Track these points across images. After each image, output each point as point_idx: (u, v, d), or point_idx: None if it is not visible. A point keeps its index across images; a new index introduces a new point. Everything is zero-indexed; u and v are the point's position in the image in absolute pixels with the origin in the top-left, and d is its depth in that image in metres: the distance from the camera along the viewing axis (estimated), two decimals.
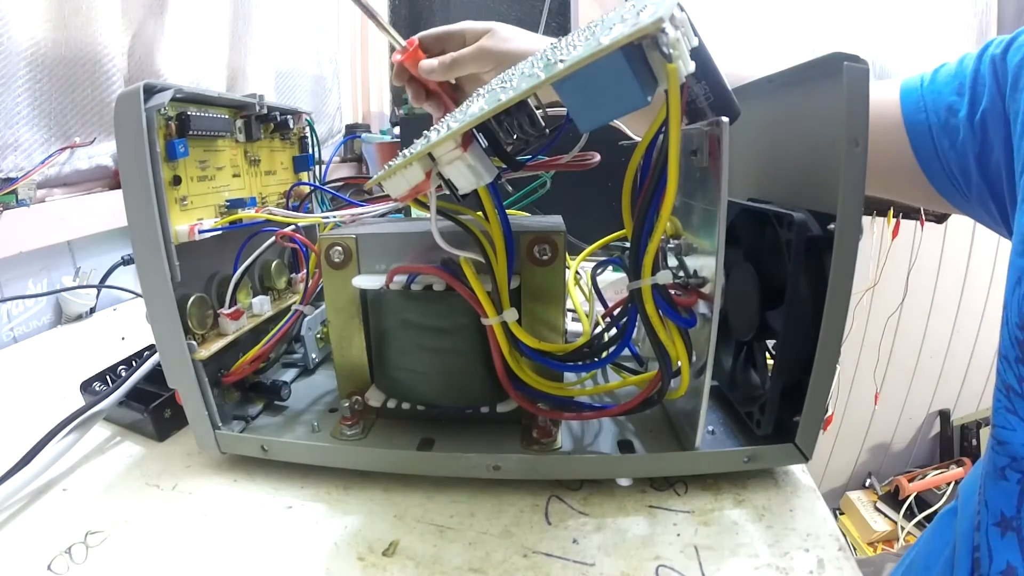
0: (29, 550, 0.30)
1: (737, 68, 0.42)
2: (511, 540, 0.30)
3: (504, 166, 0.30)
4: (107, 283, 0.72)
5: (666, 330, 0.29)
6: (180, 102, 0.33)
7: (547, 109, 0.29)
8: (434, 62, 0.49)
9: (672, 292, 0.30)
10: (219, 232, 0.35)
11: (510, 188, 0.38)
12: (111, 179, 0.74)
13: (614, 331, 0.33)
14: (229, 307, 0.37)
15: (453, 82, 0.52)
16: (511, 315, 0.30)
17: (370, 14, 0.48)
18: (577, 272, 0.47)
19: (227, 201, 0.38)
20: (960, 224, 1.35)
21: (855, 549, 1.36)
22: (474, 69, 0.48)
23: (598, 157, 0.35)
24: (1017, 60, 0.34)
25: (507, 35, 0.48)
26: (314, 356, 0.45)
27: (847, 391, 1.48)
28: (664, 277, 0.27)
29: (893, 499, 1.42)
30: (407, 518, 0.32)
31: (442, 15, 1.41)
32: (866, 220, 1.28)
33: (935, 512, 1.33)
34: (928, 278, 1.41)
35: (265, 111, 0.41)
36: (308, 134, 0.49)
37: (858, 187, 0.28)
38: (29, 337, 0.66)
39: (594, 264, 0.42)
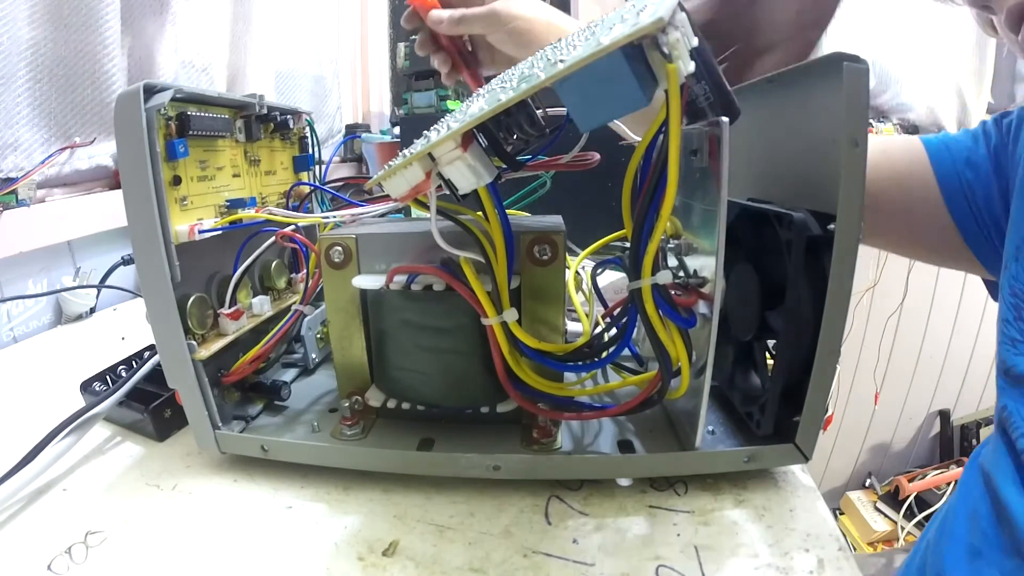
0: (29, 550, 0.30)
1: None
2: (511, 540, 0.30)
3: (504, 166, 0.30)
4: (107, 283, 0.72)
5: (666, 330, 0.29)
6: (180, 102, 0.33)
7: (547, 109, 0.29)
8: (443, 14, 0.46)
9: (672, 292, 0.30)
10: (219, 232, 0.35)
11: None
12: (111, 179, 0.74)
13: (614, 331, 0.33)
14: (229, 307, 0.37)
15: (466, 39, 0.50)
16: (511, 315, 0.30)
17: None
18: (577, 272, 0.47)
19: (227, 201, 0.38)
20: None
21: (855, 549, 1.36)
22: (481, 31, 0.46)
23: (598, 157, 0.35)
24: (1009, 121, 0.43)
25: (521, 3, 0.46)
26: (314, 356, 0.45)
27: (847, 391, 1.48)
28: (664, 277, 0.27)
29: (893, 499, 1.42)
30: (407, 518, 0.32)
31: None
32: None
33: (935, 512, 1.33)
34: (928, 278, 1.41)
35: (265, 111, 0.41)
36: (308, 134, 0.49)
37: (858, 187, 0.28)
38: (29, 337, 0.66)
39: (594, 264, 0.42)
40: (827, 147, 0.29)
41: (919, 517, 1.35)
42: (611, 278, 0.62)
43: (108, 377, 0.44)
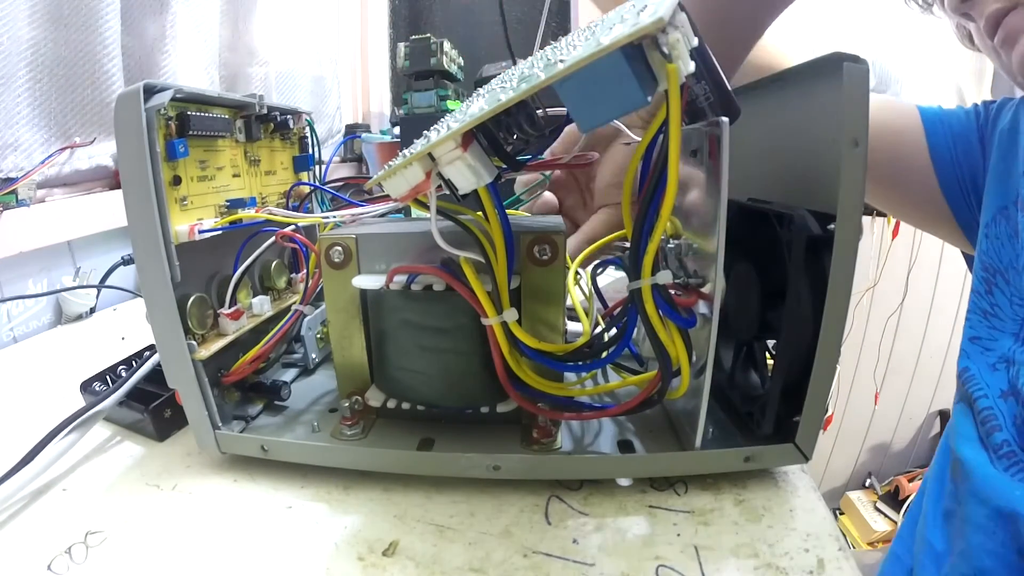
0: (29, 550, 0.30)
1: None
2: (511, 540, 0.30)
3: (504, 166, 0.30)
4: (107, 283, 0.72)
5: (666, 330, 0.29)
6: (180, 102, 0.33)
7: (547, 109, 0.29)
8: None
9: (672, 292, 0.30)
10: (219, 232, 0.35)
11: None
12: (111, 179, 0.74)
13: (614, 331, 0.33)
14: (229, 307, 0.37)
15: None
16: (511, 315, 0.30)
17: None
18: (577, 272, 0.47)
19: (227, 201, 0.38)
20: None
21: (855, 549, 1.36)
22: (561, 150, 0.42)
23: (598, 156, 0.35)
24: (994, 105, 0.47)
25: None
26: (314, 356, 0.45)
27: (847, 391, 1.49)
28: (664, 277, 0.27)
29: (893, 499, 1.42)
30: (407, 518, 0.32)
31: (442, 15, 1.41)
32: (866, 220, 1.28)
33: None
34: (928, 278, 1.41)
35: (265, 111, 0.41)
36: (308, 134, 0.49)
37: (858, 187, 0.28)
38: (29, 337, 0.66)
39: (594, 264, 0.42)
40: (827, 147, 0.29)
41: None
42: (611, 278, 0.62)
43: (108, 377, 0.44)
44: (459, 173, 0.26)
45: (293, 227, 0.39)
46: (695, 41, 0.23)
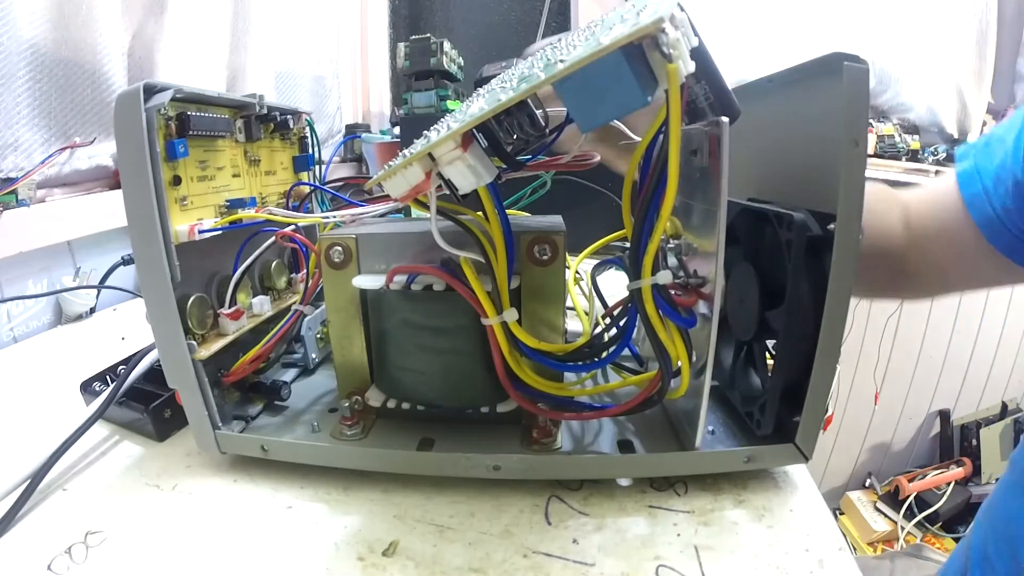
0: (29, 550, 0.30)
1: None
2: (511, 540, 0.30)
3: (504, 166, 0.30)
4: (107, 283, 0.72)
5: (666, 330, 0.29)
6: (180, 102, 0.33)
7: (547, 109, 0.29)
8: None
9: (672, 292, 0.30)
10: (219, 232, 0.35)
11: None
12: (111, 179, 0.74)
13: (614, 331, 0.33)
14: (229, 307, 0.37)
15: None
16: (511, 315, 0.30)
17: None
18: (577, 272, 0.47)
19: (227, 201, 0.38)
20: None
21: (855, 549, 1.36)
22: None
23: (598, 157, 0.35)
24: None
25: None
26: (314, 356, 0.45)
27: (847, 391, 1.48)
28: (664, 277, 0.27)
29: (893, 499, 1.42)
30: (407, 518, 0.32)
31: (442, 15, 1.41)
32: None
33: (935, 512, 1.34)
34: None
35: (265, 111, 0.41)
36: (308, 134, 0.49)
37: (858, 187, 0.28)
38: (29, 337, 0.66)
39: (594, 264, 0.42)
40: (827, 147, 0.29)
41: (919, 517, 1.34)
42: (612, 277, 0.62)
43: (108, 377, 0.44)
44: (459, 173, 0.26)
45: (293, 227, 0.39)
46: (695, 41, 0.23)
